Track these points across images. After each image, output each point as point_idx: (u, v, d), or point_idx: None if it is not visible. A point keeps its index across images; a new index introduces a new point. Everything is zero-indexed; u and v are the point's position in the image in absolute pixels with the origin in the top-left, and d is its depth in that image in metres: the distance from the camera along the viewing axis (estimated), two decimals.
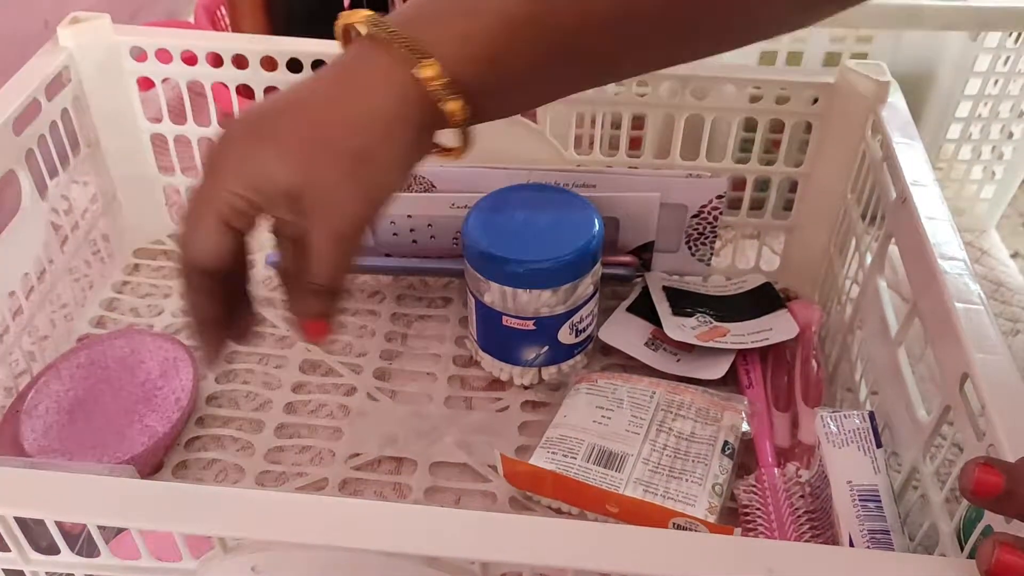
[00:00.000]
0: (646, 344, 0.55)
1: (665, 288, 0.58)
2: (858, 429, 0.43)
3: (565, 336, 0.51)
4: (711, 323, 0.55)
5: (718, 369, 0.53)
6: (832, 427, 0.43)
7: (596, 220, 0.50)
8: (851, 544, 0.40)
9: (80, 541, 0.38)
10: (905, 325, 0.44)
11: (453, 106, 0.34)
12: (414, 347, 0.58)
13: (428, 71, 0.33)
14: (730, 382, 0.54)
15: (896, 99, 0.52)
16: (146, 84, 0.59)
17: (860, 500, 0.40)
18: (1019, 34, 0.59)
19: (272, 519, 0.32)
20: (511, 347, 0.52)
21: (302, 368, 0.56)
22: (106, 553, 0.36)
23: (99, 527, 0.35)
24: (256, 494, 0.34)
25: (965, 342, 0.37)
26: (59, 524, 0.35)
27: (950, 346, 0.38)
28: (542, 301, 0.49)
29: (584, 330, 0.52)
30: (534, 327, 0.50)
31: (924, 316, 0.42)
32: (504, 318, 0.50)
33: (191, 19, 0.75)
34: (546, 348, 0.50)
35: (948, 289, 0.39)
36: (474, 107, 0.35)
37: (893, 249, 0.47)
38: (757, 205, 0.61)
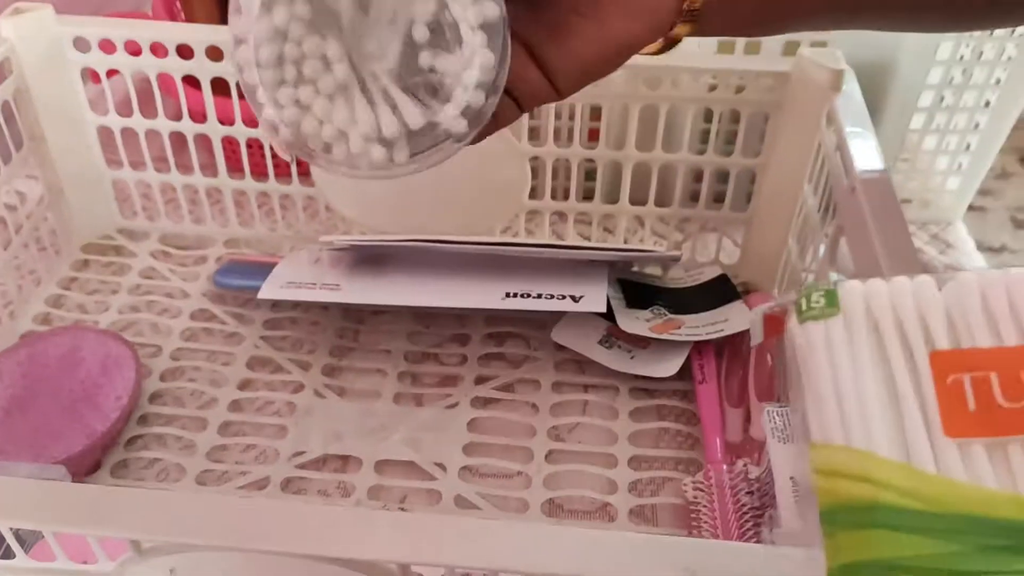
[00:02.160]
0: (600, 342, 0.54)
1: (620, 281, 0.57)
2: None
3: None
4: (666, 315, 0.55)
5: (671, 366, 0.52)
6: (778, 422, 0.43)
7: None
8: None
9: (5, 544, 0.37)
10: None
11: (681, 31, 0.34)
12: (366, 343, 0.57)
13: None
14: (685, 377, 0.53)
15: (851, 87, 0.51)
16: (98, 77, 0.57)
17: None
18: None
19: (184, 521, 0.31)
20: None
21: (250, 365, 0.55)
22: (21, 556, 0.35)
23: (16, 529, 0.34)
24: (169, 495, 0.33)
25: None
26: None
27: None
28: None
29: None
30: None
31: None
32: None
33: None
34: None
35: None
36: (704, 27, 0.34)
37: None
38: (721, 197, 0.60)
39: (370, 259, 0.57)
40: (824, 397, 0.21)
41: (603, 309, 0.51)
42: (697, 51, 0.58)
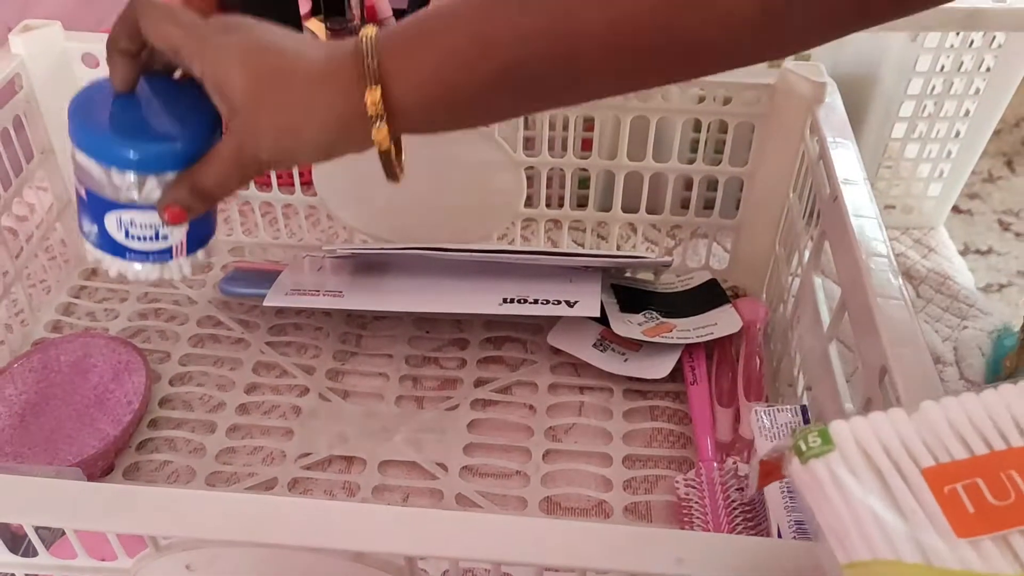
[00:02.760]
0: (594, 345, 0.56)
1: (614, 286, 0.59)
2: (790, 423, 0.44)
3: (112, 227, 0.46)
4: (658, 319, 0.56)
5: (663, 368, 0.54)
6: (765, 421, 0.44)
7: (198, 133, 0.44)
8: (779, 535, 0.41)
9: (26, 542, 0.39)
10: (835, 320, 0.45)
11: (379, 135, 0.38)
12: (368, 347, 0.59)
13: (372, 96, 0.37)
14: (677, 379, 0.55)
15: (833, 99, 0.53)
16: None
17: (788, 491, 0.41)
18: (958, 33, 0.60)
19: (199, 518, 0.33)
20: (78, 212, 0.47)
21: (256, 370, 0.57)
22: (43, 553, 0.37)
23: (39, 528, 0.36)
24: (185, 494, 0.34)
25: (883, 336, 0.38)
26: (5, 526, 0.36)
27: (871, 340, 0.39)
28: (90, 170, 0.44)
29: (141, 238, 0.46)
30: (85, 196, 0.45)
31: (851, 311, 0.43)
32: (75, 175, 0.46)
33: None
34: (96, 227, 0.46)
35: (870, 285, 0.41)
36: (404, 129, 0.38)
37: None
38: (711, 204, 0.62)
39: (371, 266, 0.59)
40: (844, 521, 0.23)
41: (597, 314, 0.53)
42: None
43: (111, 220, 0.46)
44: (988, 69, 0.63)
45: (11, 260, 0.56)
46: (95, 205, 0.46)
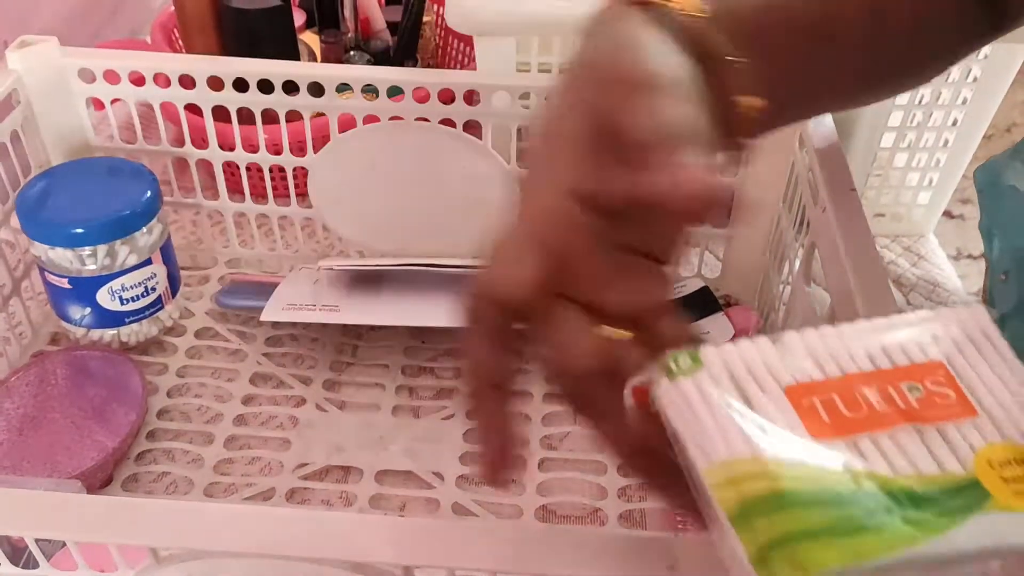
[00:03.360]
0: None
1: None
2: None
3: (106, 300, 0.53)
4: None
5: None
6: None
7: (143, 201, 0.53)
8: None
9: (27, 553, 0.39)
10: None
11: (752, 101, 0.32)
12: (364, 358, 0.59)
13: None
14: None
15: None
16: (102, 104, 0.60)
17: None
18: None
19: (199, 529, 0.33)
20: (59, 304, 0.55)
21: (253, 381, 0.57)
22: (44, 565, 0.37)
23: (39, 540, 0.36)
24: (185, 505, 0.35)
25: None
26: (5, 538, 0.36)
27: None
28: (63, 262, 0.52)
29: (134, 298, 0.54)
30: (69, 284, 0.53)
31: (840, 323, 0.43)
32: (46, 274, 0.53)
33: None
34: (88, 309, 0.54)
35: (859, 296, 0.41)
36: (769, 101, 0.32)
37: None
38: None
39: (367, 279, 0.59)
40: (706, 430, 0.25)
41: None
42: None
43: (103, 294, 0.53)
44: (975, 79, 0.64)
45: (9, 273, 0.56)
46: (83, 288, 0.53)
